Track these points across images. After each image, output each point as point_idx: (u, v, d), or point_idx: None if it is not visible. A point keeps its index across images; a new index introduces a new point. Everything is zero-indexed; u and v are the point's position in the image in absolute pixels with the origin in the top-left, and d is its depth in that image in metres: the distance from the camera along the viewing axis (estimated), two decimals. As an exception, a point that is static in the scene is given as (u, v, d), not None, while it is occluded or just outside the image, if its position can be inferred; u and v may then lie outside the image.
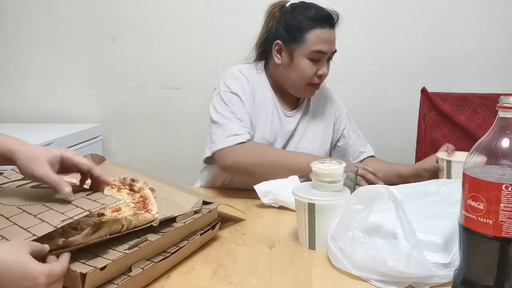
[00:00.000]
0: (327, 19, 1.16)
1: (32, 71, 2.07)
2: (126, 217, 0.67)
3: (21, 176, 0.79)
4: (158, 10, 1.98)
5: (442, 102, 1.67)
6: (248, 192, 1.17)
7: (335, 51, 1.20)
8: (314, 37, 1.14)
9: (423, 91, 1.69)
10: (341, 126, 1.36)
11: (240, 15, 1.92)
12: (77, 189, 0.70)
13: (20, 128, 1.93)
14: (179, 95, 2.04)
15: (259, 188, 1.04)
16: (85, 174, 0.73)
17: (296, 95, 1.26)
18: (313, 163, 0.82)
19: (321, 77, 1.19)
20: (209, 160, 1.20)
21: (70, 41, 2.03)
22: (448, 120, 1.67)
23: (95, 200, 0.66)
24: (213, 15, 1.95)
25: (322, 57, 1.17)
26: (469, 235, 0.59)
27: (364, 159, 1.34)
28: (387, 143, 1.86)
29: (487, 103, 1.66)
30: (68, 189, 0.65)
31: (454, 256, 0.68)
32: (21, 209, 0.65)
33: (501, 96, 0.58)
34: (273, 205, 1.03)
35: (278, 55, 1.21)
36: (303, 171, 0.99)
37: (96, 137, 2.00)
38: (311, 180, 0.83)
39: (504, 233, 0.55)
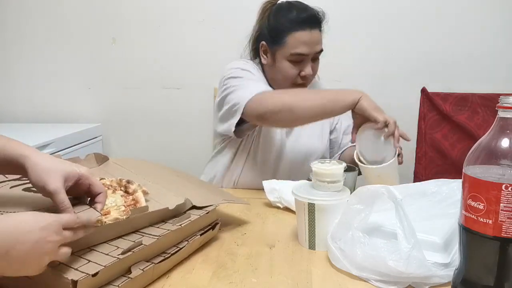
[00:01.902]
0: (308, 21, 1.15)
1: (32, 71, 2.07)
2: (105, 221, 0.66)
3: (18, 176, 0.79)
4: (158, 10, 1.98)
5: (442, 102, 1.67)
6: (249, 192, 1.18)
7: (321, 50, 1.19)
8: (293, 40, 1.14)
9: (423, 91, 1.69)
10: (335, 120, 1.36)
11: (240, 15, 1.92)
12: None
13: (20, 128, 1.93)
14: (179, 95, 2.04)
15: (267, 184, 1.05)
16: (94, 196, 0.69)
17: None
18: (313, 163, 0.82)
19: (305, 78, 1.19)
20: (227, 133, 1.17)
21: (70, 41, 2.04)
22: (448, 120, 1.67)
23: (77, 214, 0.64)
24: (213, 15, 1.96)
25: (304, 58, 1.17)
26: (469, 235, 0.59)
27: (346, 149, 1.34)
28: (387, 143, 1.86)
29: (487, 103, 1.66)
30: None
31: (454, 256, 0.68)
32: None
33: (501, 96, 0.58)
34: (278, 205, 1.03)
35: (264, 56, 1.22)
36: (340, 102, 1.03)
37: (96, 137, 2.00)
38: (311, 180, 0.83)
39: (504, 233, 0.55)
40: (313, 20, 1.16)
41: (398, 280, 0.65)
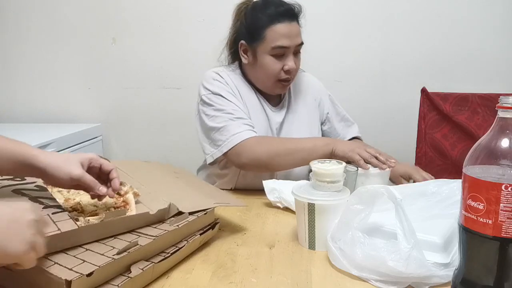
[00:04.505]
0: (286, 13, 1.15)
1: (32, 71, 2.07)
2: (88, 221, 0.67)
3: (9, 177, 0.79)
4: (158, 10, 1.98)
5: (442, 102, 1.67)
6: (248, 192, 1.18)
7: (301, 43, 1.18)
8: (273, 33, 1.14)
9: (423, 91, 1.69)
10: (325, 109, 1.35)
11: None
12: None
13: (20, 128, 1.93)
14: (179, 95, 2.04)
15: (267, 184, 1.05)
16: (106, 175, 0.75)
17: (268, 92, 1.25)
18: (313, 163, 0.82)
19: (289, 72, 1.17)
20: (214, 163, 1.20)
21: (70, 41, 2.03)
22: (448, 120, 1.67)
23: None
24: (213, 15, 1.95)
25: (286, 51, 1.16)
26: (469, 235, 0.59)
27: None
28: (387, 143, 1.86)
29: (487, 103, 1.66)
30: (104, 189, 0.71)
31: (453, 256, 0.68)
32: None
33: (501, 96, 0.58)
34: (278, 205, 1.03)
35: (245, 55, 1.22)
36: (318, 152, 1.06)
37: (96, 137, 2.00)
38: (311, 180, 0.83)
39: (503, 233, 0.55)
40: (291, 13, 1.16)
41: (398, 280, 0.65)
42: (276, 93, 1.25)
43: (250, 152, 1.10)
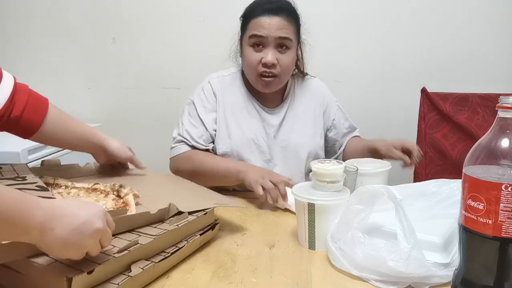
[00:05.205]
0: (271, 9, 1.16)
1: (32, 71, 2.07)
2: None
3: (14, 175, 0.80)
4: (158, 10, 1.98)
5: (442, 102, 1.67)
6: (248, 192, 1.17)
7: (284, 37, 1.15)
8: (253, 25, 1.17)
9: (423, 91, 1.69)
10: (331, 116, 1.34)
11: (240, 15, 1.92)
12: None
13: (20, 128, 1.93)
14: (179, 95, 2.03)
15: None
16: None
17: (257, 88, 1.23)
18: (313, 163, 0.82)
19: (266, 65, 1.15)
20: None
21: (70, 41, 2.03)
22: (448, 120, 1.67)
23: None
24: (213, 15, 1.95)
25: (263, 42, 1.15)
26: (469, 235, 0.59)
27: (347, 142, 1.36)
28: (387, 143, 1.86)
29: (487, 103, 1.66)
30: (144, 165, 1.07)
31: (453, 256, 0.68)
32: None
33: (501, 96, 0.58)
34: (279, 206, 1.03)
35: (240, 50, 1.25)
36: (231, 178, 1.12)
37: (96, 137, 1.99)
38: (310, 180, 0.83)
39: (503, 233, 0.55)
40: (275, 8, 1.16)
41: (398, 280, 0.65)
42: (260, 89, 1.22)
43: (178, 166, 1.22)
